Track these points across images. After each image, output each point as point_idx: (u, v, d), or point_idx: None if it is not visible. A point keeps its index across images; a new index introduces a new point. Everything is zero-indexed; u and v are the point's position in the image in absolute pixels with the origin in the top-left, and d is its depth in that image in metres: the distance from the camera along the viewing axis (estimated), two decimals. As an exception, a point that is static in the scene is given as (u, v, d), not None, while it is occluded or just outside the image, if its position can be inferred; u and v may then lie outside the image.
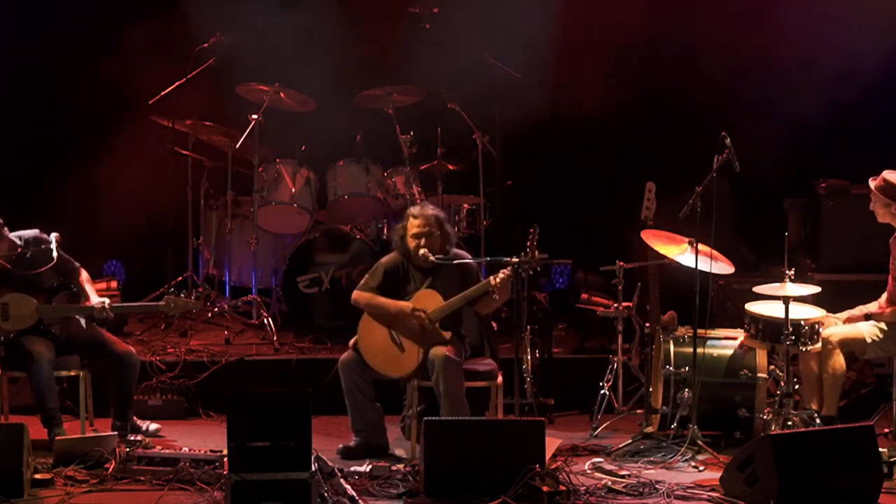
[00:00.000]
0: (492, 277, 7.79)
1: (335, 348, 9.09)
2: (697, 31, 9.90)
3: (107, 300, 8.00)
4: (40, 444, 7.64)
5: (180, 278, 10.03)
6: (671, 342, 8.21)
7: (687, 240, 8.07)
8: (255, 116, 9.70)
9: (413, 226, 7.90)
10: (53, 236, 7.90)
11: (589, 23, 10.10)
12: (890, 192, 7.97)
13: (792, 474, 6.71)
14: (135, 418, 8.17)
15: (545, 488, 6.75)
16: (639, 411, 8.47)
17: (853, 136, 10.27)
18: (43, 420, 7.85)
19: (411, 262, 7.96)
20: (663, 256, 8.13)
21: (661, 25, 10.06)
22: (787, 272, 7.84)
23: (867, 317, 8.06)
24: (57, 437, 7.59)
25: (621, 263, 8.48)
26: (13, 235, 7.96)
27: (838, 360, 7.95)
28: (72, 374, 8.06)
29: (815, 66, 9.79)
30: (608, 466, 7.59)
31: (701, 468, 7.59)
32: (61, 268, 7.97)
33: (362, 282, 8.02)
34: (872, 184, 8.01)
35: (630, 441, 8.02)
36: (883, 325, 8.01)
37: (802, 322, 7.91)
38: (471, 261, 8.08)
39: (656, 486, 7.15)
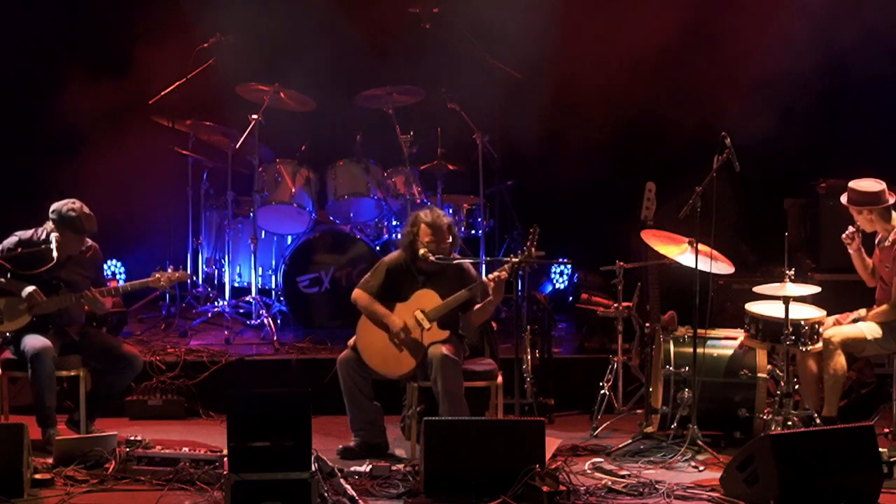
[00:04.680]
0: (487, 277, 7.81)
1: (335, 348, 9.09)
2: (698, 31, 9.89)
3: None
4: (40, 444, 7.65)
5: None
6: (671, 342, 8.22)
7: (687, 240, 8.07)
8: (255, 116, 9.70)
9: (425, 233, 7.89)
10: (53, 236, 7.90)
11: (589, 22, 10.10)
12: (858, 199, 8.00)
13: (792, 474, 6.71)
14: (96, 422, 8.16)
15: (545, 488, 6.75)
16: (639, 411, 8.46)
17: (853, 136, 10.27)
18: (38, 419, 7.86)
19: (415, 263, 7.96)
20: (663, 256, 8.13)
21: (660, 25, 10.05)
22: (787, 272, 7.85)
23: (855, 320, 8.08)
24: (57, 438, 7.60)
25: (621, 263, 8.48)
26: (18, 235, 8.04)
27: (839, 361, 7.96)
28: (72, 374, 8.06)
29: (815, 66, 9.79)
30: (608, 466, 7.59)
31: (701, 468, 7.59)
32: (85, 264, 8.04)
33: (363, 280, 8.03)
34: (844, 199, 8.05)
35: (630, 441, 8.02)
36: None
37: (802, 322, 7.92)
38: (470, 261, 8.08)
39: (656, 486, 7.15)
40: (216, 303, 9.95)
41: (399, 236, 8.83)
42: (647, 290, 8.46)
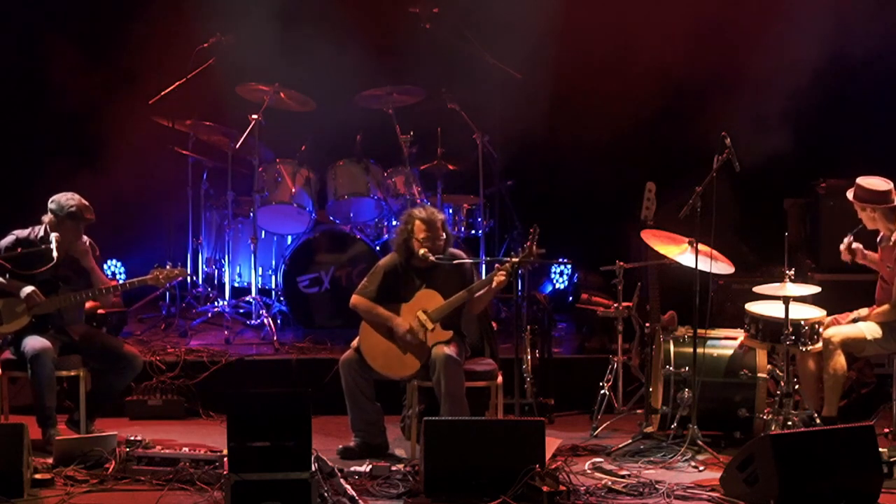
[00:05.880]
0: (495, 278, 7.80)
1: (335, 348, 9.10)
2: (698, 31, 9.89)
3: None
4: (40, 444, 7.65)
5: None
6: (671, 342, 8.21)
7: (687, 240, 8.07)
8: (255, 116, 9.70)
9: (420, 230, 7.90)
10: (53, 236, 7.91)
11: (589, 22, 10.10)
12: (864, 196, 8.00)
13: (792, 474, 6.71)
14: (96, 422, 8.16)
15: (545, 488, 6.75)
16: (639, 411, 8.46)
17: (853, 136, 10.27)
18: (38, 419, 7.86)
19: (410, 263, 7.95)
20: (663, 256, 8.13)
21: (660, 25, 10.05)
22: (787, 272, 7.85)
23: (855, 320, 8.08)
24: (57, 438, 7.60)
25: (621, 263, 8.48)
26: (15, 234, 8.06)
27: (839, 361, 7.96)
28: (72, 374, 8.06)
29: (816, 66, 9.79)
30: (608, 466, 7.59)
31: (701, 468, 7.59)
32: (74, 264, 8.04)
33: (360, 286, 8.01)
34: (850, 194, 8.05)
35: (630, 441, 8.02)
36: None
37: (802, 322, 7.92)
38: (469, 260, 8.08)
39: (656, 486, 7.15)
40: (216, 303, 9.95)
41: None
42: (647, 290, 8.46)
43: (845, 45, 9.73)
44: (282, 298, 9.86)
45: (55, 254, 7.84)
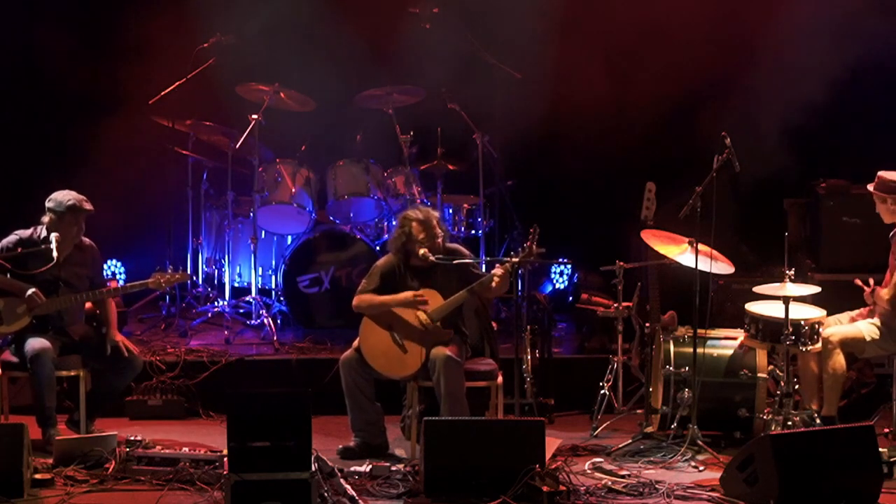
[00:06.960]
0: (494, 278, 7.78)
1: (335, 348, 9.10)
2: (697, 32, 9.90)
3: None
4: (40, 444, 7.65)
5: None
6: (671, 342, 8.22)
7: (687, 240, 8.07)
8: (255, 116, 9.70)
9: (418, 231, 7.89)
10: (53, 236, 7.91)
11: (588, 22, 10.11)
12: (882, 187, 8.01)
13: (792, 474, 6.72)
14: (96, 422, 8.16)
15: (545, 488, 6.76)
16: (639, 411, 8.46)
17: (853, 136, 10.27)
18: (38, 419, 7.87)
19: (409, 263, 7.95)
20: (663, 256, 8.13)
21: (659, 26, 10.06)
22: (787, 272, 7.85)
23: (873, 291, 8.03)
24: (57, 438, 7.61)
25: (621, 263, 8.48)
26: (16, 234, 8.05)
27: (839, 360, 7.96)
28: (72, 374, 8.06)
29: (816, 67, 9.79)
30: (608, 466, 7.59)
31: (701, 468, 7.60)
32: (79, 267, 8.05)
33: (360, 287, 8.01)
34: (871, 187, 8.06)
35: (630, 441, 8.02)
36: (880, 323, 8.02)
37: (802, 322, 7.92)
38: (469, 260, 8.08)
39: (656, 486, 7.16)
40: (216, 303, 9.95)
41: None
42: (647, 290, 8.46)
43: (846, 45, 9.73)
44: (282, 298, 9.86)
45: (55, 254, 7.85)
